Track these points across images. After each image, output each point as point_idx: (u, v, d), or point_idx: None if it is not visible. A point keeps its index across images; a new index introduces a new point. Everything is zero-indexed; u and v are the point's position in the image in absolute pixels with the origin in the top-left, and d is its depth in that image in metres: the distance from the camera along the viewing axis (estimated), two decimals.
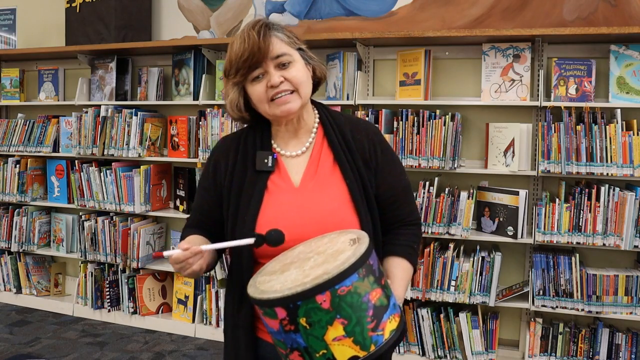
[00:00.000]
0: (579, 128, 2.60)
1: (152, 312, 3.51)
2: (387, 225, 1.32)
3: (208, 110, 3.24)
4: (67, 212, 3.80)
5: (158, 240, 3.59)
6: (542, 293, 2.72)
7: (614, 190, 2.59)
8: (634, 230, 2.57)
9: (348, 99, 3.04)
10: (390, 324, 1.01)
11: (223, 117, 3.19)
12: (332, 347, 0.96)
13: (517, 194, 2.74)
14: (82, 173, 3.53)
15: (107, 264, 3.57)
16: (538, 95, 2.80)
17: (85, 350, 3.10)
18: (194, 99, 3.37)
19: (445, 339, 2.87)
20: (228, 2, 3.52)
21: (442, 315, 2.86)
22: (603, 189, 2.59)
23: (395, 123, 2.87)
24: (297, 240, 1.19)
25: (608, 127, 2.57)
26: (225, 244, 1.17)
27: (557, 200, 2.67)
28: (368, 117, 2.89)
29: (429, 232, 2.83)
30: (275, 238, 1.15)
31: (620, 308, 2.64)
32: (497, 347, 2.88)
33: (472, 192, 2.82)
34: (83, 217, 3.57)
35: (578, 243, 2.64)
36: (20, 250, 3.79)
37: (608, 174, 2.58)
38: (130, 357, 3.04)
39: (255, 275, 1.11)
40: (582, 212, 2.62)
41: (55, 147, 3.72)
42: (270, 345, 1.25)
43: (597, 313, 2.66)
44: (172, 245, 3.47)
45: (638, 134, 2.55)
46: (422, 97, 2.92)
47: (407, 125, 2.85)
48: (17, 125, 3.79)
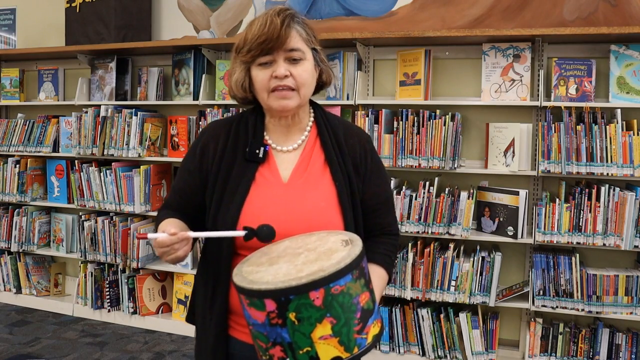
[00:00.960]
0: (579, 128, 2.60)
1: (152, 312, 3.51)
2: (367, 233, 1.33)
3: (208, 110, 3.24)
4: (67, 212, 3.80)
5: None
6: (542, 293, 2.72)
7: (614, 190, 2.59)
8: (634, 230, 2.57)
9: (348, 99, 3.03)
10: (374, 329, 1.02)
11: (223, 117, 3.19)
12: (317, 345, 0.96)
13: (517, 194, 2.74)
14: (82, 173, 3.53)
15: (107, 264, 3.57)
16: (538, 95, 2.80)
17: (85, 351, 3.10)
18: (194, 99, 3.37)
19: (446, 339, 2.87)
20: (228, 2, 3.52)
21: (442, 315, 2.86)
22: (603, 189, 2.59)
23: (395, 123, 2.87)
24: (280, 235, 1.18)
25: (608, 127, 2.57)
26: (215, 234, 1.15)
27: (557, 200, 2.67)
28: (368, 117, 2.89)
29: (429, 232, 2.82)
30: (267, 233, 1.13)
31: (621, 308, 2.64)
32: (497, 347, 2.88)
33: (472, 192, 2.82)
34: (83, 217, 3.57)
35: (578, 243, 2.64)
36: (20, 250, 3.79)
37: (608, 174, 2.58)
38: (130, 357, 3.03)
39: (240, 265, 1.10)
40: (582, 212, 2.62)
41: (55, 147, 3.72)
42: (241, 344, 1.24)
43: (597, 313, 2.66)
44: None
45: (638, 134, 2.55)
46: (422, 97, 2.92)
47: (407, 125, 2.85)
48: (17, 125, 3.79)
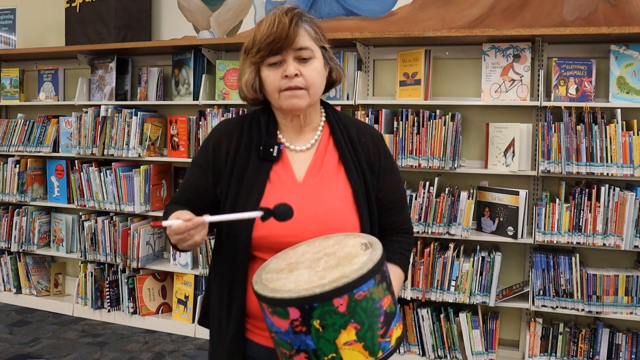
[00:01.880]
0: (579, 128, 2.60)
1: (152, 312, 3.51)
2: (381, 231, 1.32)
3: (208, 110, 3.24)
4: (67, 212, 3.80)
5: (158, 241, 3.59)
6: (542, 293, 2.72)
7: (614, 190, 2.59)
8: (634, 230, 2.57)
9: (348, 99, 3.03)
10: (397, 332, 1.02)
11: (223, 117, 3.19)
12: (342, 351, 0.96)
13: (517, 194, 2.74)
14: (82, 173, 3.53)
15: (107, 264, 3.57)
16: (538, 95, 2.80)
17: (85, 351, 3.10)
18: (194, 99, 3.37)
19: (445, 339, 2.87)
20: (228, 2, 3.52)
21: (442, 315, 2.86)
22: (603, 189, 2.59)
23: (395, 123, 2.87)
24: (297, 236, 1.17)
25: (608, 127, 2.57)
26: (231, 216, 1.13)
27: (557, 200, 2.67)
28: (368, 117, 2.89)
29: (429, 232, 2.82)
30: (284, 212, 1.12)
31: (621, 308, 2.64)
32: (497, 347, 2.88)
33: (472, 192, 2.82)
34: (83, 217, 3.57)
35: (578, 243, 2.64)
36: (20, 250, 3.79)
37: (608, 174, 2.58)
38: (130, 357, 3.03)
39: (259, 271, 1.08)
40: (582, 212, 2.62)
41: (55, 147, 3.72)
42: (259, 347, 1.23)
43: (597, 313, 2.66)
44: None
45: (638, 134, 2.55)
46: (422, 97, 2.91)
47: (407, 125, 2.85)
48: (17, 125, 3.79)
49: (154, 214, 3.48)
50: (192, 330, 3.37)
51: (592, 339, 2.73)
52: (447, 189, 2.82)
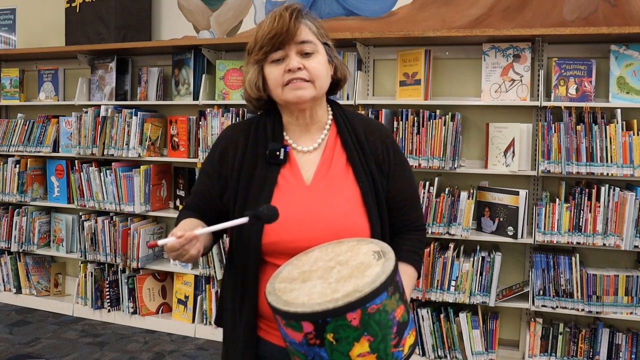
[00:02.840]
0: (579, 128, 2.60)
1: (152, 312, 3.51)
2: (393, 230, 1.31)
3: (208, 110, 3.24)
4: (67, 212, 3.80)
5: (158, 241, 3.58)
6: (542, 293, 2.72)
7: (614, 190, 2.59)
8: (634, 230, 2.57)
9: (348, 99, 3.03)
10: (410, 339, 1.03)
11: (223, 117, 3.19)
12: None
13: (517, 194, 2.74)
14: (82, 173, 3.53)
15: (107, 264, 3.57)
16: (538, 95, 2.80)
17: (85, 351, 3.10)
18: (194, 99, 3.37)
19: (445, 339, 2.87)
20: (228, 2, 3.52)
21: (442, 315, 2.86)
22: (603, 189, 2.59)
23: (395, 123, 2.87)
24: (307, 240, 1.17)
25: (608, 127, 2.57)
26: (219, 226, 1.13)
27: (557, 200, 2.67)
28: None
29: (429, 232, 2.82)
30: (268, 215, 1.11)
31: (621, 308, 2.64)
32: (497, 347, 2.88)
33: (472, 192, 2.82)
34: (83, 217, 3.57)
35: (578, 243, 2.64)
36: (20, 250, 3.79)
37: (608, 174, 2.58)
38: (130, 357, 3.03)
39: (272, 280, 1.08)
40: (582, 212, 2.62)
41: (55, 147, 3.72)
42: (271, 345, 1.24)
43: (597, 313, 2.66)
44: None
45: (638, 134, 2.55)
46: (422, 97, 2.91)
47: (407, 125, 2.85)
48: (17, 125, 3.79)
49: (154, 214, 3.48)
50: (192, 330, 3.37)
51: (592, 339, 2.73)
52: (447, 189, 2.82)
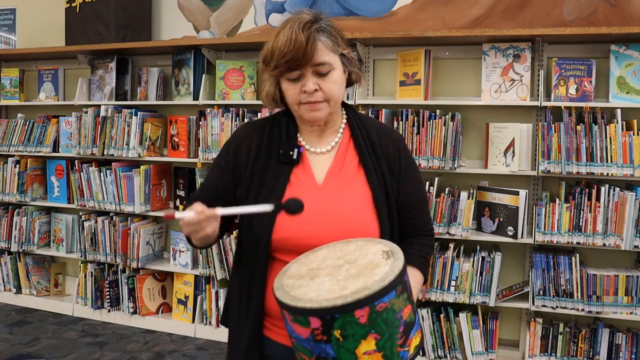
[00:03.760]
0: (579, 128, 2.60)
1: (152, 312, 3.51)
2: (402, 233, 1.32)
3: (208, 110, 3.24)
4: (67, 212, 3.80)
5: (158, 240, 3.59)
6: (542, 293, 2.72)
7: (614, 190, 2.59)
8: (634, 230, 2.57)
9: (348, 99, 3.03)
10: (415, 340, 1.03)
11: (223, 117, 3.19)
12: None
13: (517, 194, 2.74)
14: (82, 173, 3.53)
15: (107, 264, 3.57)
16: (538, 95, 2.80)
17: (85, 351, 3.10)
18: (194, 99, 3.36)
19: (446, 339, 2.87)
20: (228, 2, 3.52)
21: (442, 316, 2.86)
22: (603, 189, 2.59)
23: (395, 123, 2.87)
24: (316, 239, 1.18)
25: (608, 127, 2.57)
26: (242, 209, 1.14)
27: (557, 200, 2.67)
28: None
29: None
30: (294, 206, 1.13)
31: (621, 308, 2.64)
32: (497, 347, 2.88)
33: (472, 192, 2.82)
34: (83, 217, 3.57)
35: (578, 243, 2.64)
36: (20, 250, 3.79)
37: (608, 174, 2.58)
38: (130, 357, 3.03)
39: (280, 276, 1.09)
40: (582, 212, 2.62)
41: (55, 147, 3.72)
42: (276, 345, 1.24)
43: (597, 313, 2.66)
44: (172, 246, 3.46)
45: (638, 134, 2.55)
46: (422, 97, 2.91)
47: (407, 125, 2.85)
48: (17, 125, 3.79)
49: (154, 214, 3.48)
50: (192, 330, 3.36)
51: (592, 339, 2.73)
52: (447, 189, 2.82)
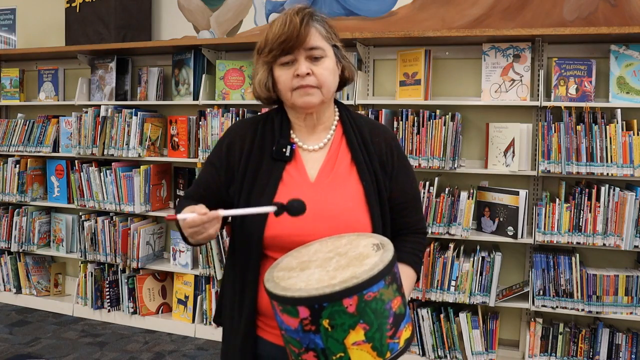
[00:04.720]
0: (579, 128, 2.60)
1: (152, 312, 3.51)
2: (394, 231, 1.32)
3: (208, 110, 3.24)
4: (67, 212, 3.80)
5: (158, 240, 3.59)
6: (542, 293, 2.72)
7: (614, 190, 2.59)
8: (634, 230, 2.57)
9: (348, 99, 3.03)
10: (406, 333, 1.03)
11: (223, 117, 3.19)
12: (350, 350, 0.97)
13: (517, 194, 2.74)
14: (82, 173, 3.53)
15: (107, 264, 3.57)
16: (538, 95, 2.80)
17: (85, 351, 3.10)
18: (194, 99, 3.37)
19: (445, 339, 2.87)
20: (228, 2, 3.52)
21: (442, 315, 2.86)
22: (603, 189, 2.59)
23: (395, 123, 2.87)
24: (309, 235, 1.18)
25: (608, 127, 2.57)
26: (245, 211, 1.14)
27: (557, 200, 2.67)
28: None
29: (429, 232, 2.82)
30: (297, 207, 1.13)
31: (621, 308, 2.64)
32: (497, 347, 2.88)
33: (472, 192, 2.82)
34: (83, 217, 3.57)
35: (578, 243, 2.64)
36: (20, 250, 3.79)
37: (608, 174, 2.58)
38: (130, 357, 3.03)
39: (271, 269, 1.09)
40: (582, 212, 2.62)
41: (55, 147, 3.72)
42: (270, 345, 1.25)
43: (597, 313, 2.66)
44: (172, 246, 3.46)
45: (638, 134, 2.55)
46: (422, 97, 2.91)
47: (407, 125, 2.85)
48: (17, 125, 3.79)
49: (154, 214, 3.48)
50: (192, 330, 3.37)
51: (592, 339, 2.73)
52: (447, 189, 2.82)
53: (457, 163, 2.79)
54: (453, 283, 2.80)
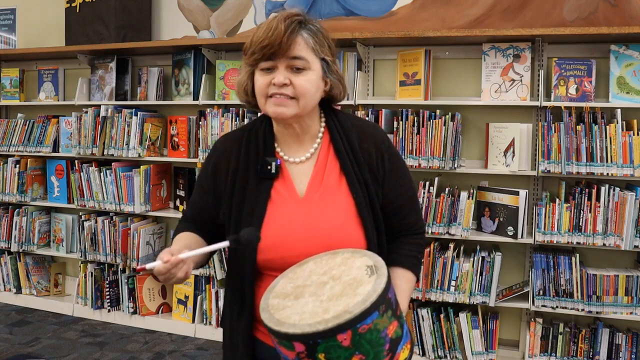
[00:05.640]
0: (579, 128, 2.60)
1: (152, 312, 3.51)
2: (392, 234, 1.30)
3: (208, 110, 3.24)
4: (67, 212, 3.80)
5: (158, 240, 3.59)
6: (542, 293, 2.72)
7: (614, 190, 2.59)
8: (634, 230, 2.57)
9: (348, 99, 3.03)
10: (404, 353, 1.03)
11: (223, 117, 3.19)
12: None
13: (517, 194, 2.74)
14: (82, 173, 3.53)
15: (107, 264, 3.57)
16: (538, 95, 2.80)
17: (85, 351, 3.10)
18: (194, 99, 3.36)
19: (445, 339, 2.87)
20: (228, 2, 3.52)
21: (442, 315, 2.86)
22: (603, 189, 2.59)
23: (395, 123, 2.87)
24: (300, 254, 1.17)
25: (608, 127, 2.57)
26: (201, 250, 1.15)
27: (557, 200, 2.67)
28: (368, 117, 2.89)
29: (429, 232, 2.82)
30: (248, 240, 1.13)
31: (621, 308, 2.64)
32: (497, 347, 2.88)
33: (472, 192, 2.82)
34: (83, 217, 3.57)
35: (578, 243, 2.64)
36: (20, 250, 3.79)
37: (608, 174, 2.58)
38: (130, 357, 3.03)
39: (266, 295, 1.09)
40: (582, 212, 2.62)
41: (55, 147, 3.72)
42: (271, 349, 1.25)
43: (597, 313, 2.66)
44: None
45: (638, 134, 2.55)
46: (422, 97, 2.91)
47: (407, 125, 2.85)
48: (17, 125, 3.79)
49: (154, 214, 3.48)
50: (192, 330, 3.37)
51: (592, 339, 2.73)
52: (447, 189, 2.82)
53: (457, 163, 2.79)
54: (453, 283, 2.79)
